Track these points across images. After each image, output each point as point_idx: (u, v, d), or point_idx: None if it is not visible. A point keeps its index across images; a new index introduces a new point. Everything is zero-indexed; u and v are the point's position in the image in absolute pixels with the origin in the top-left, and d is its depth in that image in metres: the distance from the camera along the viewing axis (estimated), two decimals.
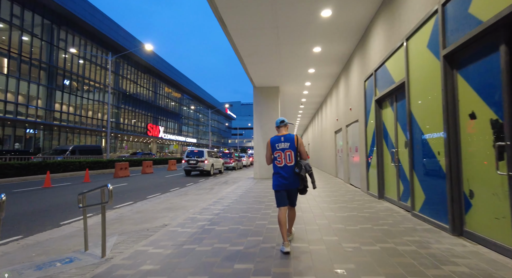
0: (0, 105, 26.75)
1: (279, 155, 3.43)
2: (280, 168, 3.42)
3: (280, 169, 3.42)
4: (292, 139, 3.44)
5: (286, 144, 3.42)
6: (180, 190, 10.46)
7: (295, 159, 3.40)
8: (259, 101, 12.86)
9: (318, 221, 4.60)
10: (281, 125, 3.62)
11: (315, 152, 22.16)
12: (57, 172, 15.42)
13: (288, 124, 3.68)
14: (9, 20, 27.17)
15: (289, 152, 3.40)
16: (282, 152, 3.42)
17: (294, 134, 3.50)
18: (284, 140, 3.45)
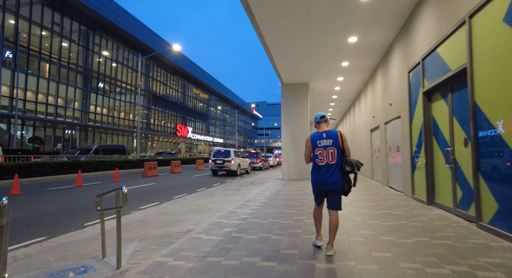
0: (42, 107, 28.51)
1: (321, 153, 3.20)
2: (321, 167, 3.19)
3: (322, 168, 3.19)
4: (336, 135, 3.20)
5: (329, 141, 3.19)
6: (207, 191, 10.18)
7: (338, 157, 3.16)
8: (287, 98, 12.26)
9: (362, 232, 3.95)
10: (321, 120, 3.38)
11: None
12: (88, 171, 15.90)
13: (329, 120, 3.32)
14: (50, 27, 28.89)
15: (332, 150, 3.17)
16: (324, 150, 3.19)
17: (337, 130, 3.25)
18: (327, 136, 3.22)
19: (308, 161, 3.41)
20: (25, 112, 26.89)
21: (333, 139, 3.18)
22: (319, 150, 3.21)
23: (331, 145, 3.17)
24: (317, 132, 3.33)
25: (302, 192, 8.18)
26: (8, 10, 25.33)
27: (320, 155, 3.20)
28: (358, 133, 14.92)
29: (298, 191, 8.44)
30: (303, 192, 8.29)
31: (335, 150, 3.16)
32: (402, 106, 7.23)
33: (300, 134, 12.02)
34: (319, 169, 3.21)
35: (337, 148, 3.16)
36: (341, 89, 13.86)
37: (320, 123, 3.38)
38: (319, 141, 3.23)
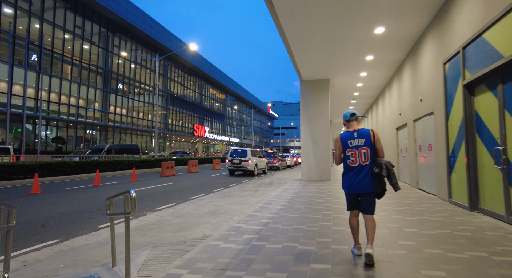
0: (65, 108, 29.38)
1: (352, 153, 3.00)
2: (353, 168, 3.01)
3: (354, 170, 3.00)
4: (368, 134, 3.00)
5: (361, 141, 2.99)
6: (224, 191, 9.88)
7: (371, 158, 2.97)
8: (307, 95, 11.76)
9: (402, 242, 3.46)
10: (351, 118, 3.17)
11: None
12: (107, 171, 16.04)
13: (359, 118, 3.26)
14: (72, 30, 29.71)
15: (365, 150, 2.97)
16: (356, 150, 2.99)
17: (369, 129, 3.05)
18: (358, 135, 3.02)
19: (339, 162, 3.19)
20: (49, 113, 27.78)
21: (365, 139, 2.98)
22: (351, 151, 3.01)
23: (363, 144, 2.97)
24: (347, 131, 3.12)
25: (325, 195, 7.69)
26: (34, 15, 26.23)
27: (352, 156, 3.00)
28: (382, 131, 14.17)
29: (321, 193, 7.96)
30: (326, 194, 7.79)
31: (368, 150, 2.96)
32: (436, 101, 6.59)
33: (320, 133, 11.50)
34: (351, 171, 3.01)
35: (370, 148, 2.96)
36: (363, 86, 13.19)
37: (350, 121, 3.17)
38: (350, 141, 3.02)
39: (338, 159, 3.17)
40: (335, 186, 9.80)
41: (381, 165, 2.87)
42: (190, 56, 48.02)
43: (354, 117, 3.16)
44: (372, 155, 2.97)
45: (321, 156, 11.42)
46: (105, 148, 21.44)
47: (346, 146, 3.03)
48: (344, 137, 3.07)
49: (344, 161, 3.10)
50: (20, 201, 7.85)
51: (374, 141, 2.98)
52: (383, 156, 3.02)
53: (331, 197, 7.31)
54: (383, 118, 13.72)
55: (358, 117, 3.18)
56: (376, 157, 3.01)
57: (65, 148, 28.64)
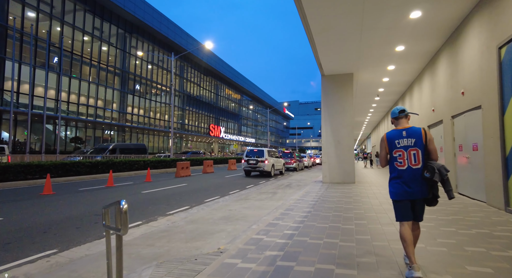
0: (84, 108, 29.85)
1: (401, 154, 2.73)
2: (402, 171, 2.72)
3: (403, 173, 2.71)
4: (419, 133, 2.71)
5: (411, 141, 2.71)
6: (240, 193, 9.28)
7: (422, 160, 2.68)
8: (329, 91, 10.98)
9: (472, 268, 2.70)
10: (400, 115, 2.87)
11: None
12: (122, 171, 15.85)
13: (410, 115, 2.93)
14: (91, 32, 30.16)
15: (415, 151, 2.69)
16: (405, 151, 2.72)
17: (421, 127, 2.77)
18: (407, 135, 2.74)
19: (384, 163, 2.91)
20: (68, 114, 28.26)
21: (415, 138, 2.68)
22: (398, 152, 2.73)
23: (413, 145, 2.68)
24: (395, 129, 2.83)
25: (353, 200, 6.93)
26: (55, 17, 26.75)
27: (399, 157, 2.72)
28: None
29: (347, 198, 7.19)
30: (354, 199, 7.02)
31: (418, 152, 2.66)
32: (485, 93, 5.70)
33: (343, 132, 10.69)
34: (399, 175, 2.71)
35: (421, 149, 2.67)
36: (389, 81, 12.24)
37: (398, 118, 2.87)
38: (398, 140, 2.74)
39: (384, 160, 2.88)
40: (361, 189, 8.98)
41: (433, 169, 2.56)
42: (206, 56, 48.00)
43: (404, 113, 2.84)
44: (424, 157, 2.66)
45: (344, 156, 10.61)
46: (109, 147, 20.36)
47: (393, 146, 2.74)
48: (391, 136, 2.78)
49: (390, 163, 2.81)
50: (30, 202, 7.57)
51: (426, 141, 2.68)
52: (436, 158, 2.69)
53: (360, 202, 6.54)
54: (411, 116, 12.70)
55: (408, 114, 2.86)
56: (428, 160, 2.68)
57: (84, 148, 29.04)
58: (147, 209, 6.80)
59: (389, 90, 13.94)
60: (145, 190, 10.01)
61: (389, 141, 2.80)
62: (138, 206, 7.12)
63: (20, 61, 24.07)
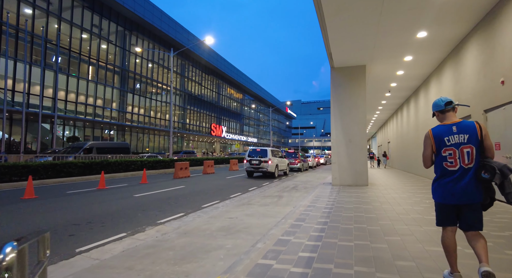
0: (82, 107, 29.08)
1: (451, 153, 2.33)
2: (452, 172, 2.33)
3: (453, 174, 2.32)
4: (473, 128, 2.31)
5: (463, 137, 2.31)
6: (242, 197, 8.40)
7: (477, 159, 2.28)
8: (339, 85, 10.05)
9: None
10: (447, 108, 2.47)
11: (402, 152, 18.12)
12: (118, 172, 15.01)
13: (457, 107, 2.51)
14: (90, 29, 29.40)
15: (469, 149, 2.29)
16: (457, 149, 2.31)
17: (474, 121, 2.35)
18: (458, 130, 2.34)
19: (429, 164, 2.54)
20: (66, 113, 27.51)
21: (469, 134, 2.32)
22: (449, 150, 2.36)
23: (466, 142, 2.32)
24: (443, 125, 2.45)
25: (373, 206, 6.01)
26: (52, 14, 26.01)
27: (450, 156, 2.36)
28: (425, 129, 12.21)
29: (365, 204, 6.28)
30: (373, 206, 6.11)
31: (472, 149, 2.31)
32: None
33: (355, 130, 9.76)
34: (449, 176, 2.37)
35: (475, 146, 2.30)
36: (404, 75, 11.29)
37: (445, 112, 2.49)
38: (448, 137, 2.37)
39: (428, 160, 2.51)
40: (377, 193, 8.06)
41: (493, 169, 2.19)
42: (207, 54, 47.23)
43: (451, 106, 2.46)
44: (478, 156, 2.31)
45: (356, 156, 9.69)
46: (84, 146, 17.98)
47: (442, 144, 2.38)
48: (439, 133, 2.41)
49: (437, 163, 2.44)
50: (7, 208, 6.72)
51: (481, 137, 2.31)
52: (492, 156, 2.33)
53: (382, 210, 5.63)
54: (426, 113, 11.74)
55: (455, 106, 2.48)
56: (483, 158, 2.31)
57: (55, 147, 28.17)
58: (136, 217, 5.93)
59: (402, 85, 12.99)
60: (139, 193, 9.15)
61: (436, 138, 2.41)
62: (127, 213, 6.26)
63: (15, 58, 23.33)
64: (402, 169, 18.40)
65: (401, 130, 18.54)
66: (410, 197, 7.36)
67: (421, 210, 5.61)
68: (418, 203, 6.44)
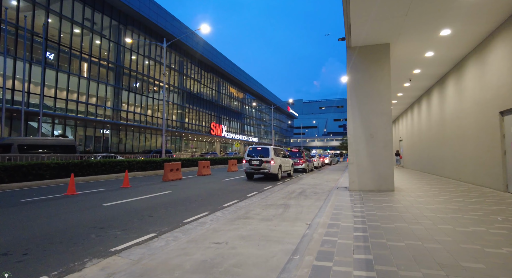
0: (73, 105, 27.39)
1: None
2: None
3: None
4: None
5: None
6: (238, 206, 6.63)
7: None
8: (357, 68, 8.27)
9: None
10: None
11: (419, 151, 16.25)
12: (101, 174, 13.26)
13: None
14: (81, 22, 27.72)
15: None
16: None
17: None
18: None
19: None
20: (56, 110, 25.84)
21: None
22: None
23: None
24: None
25: (422, 226, 4.20)
26: (39, 5, 24.34)
27: None
28: (455, 123, 10.39)
29: (410, 223, 4.47)
30: (422, 225, 4.30)
31: None
32: None
33: (377, 122, 7.97)
34: None
35: None
36: (433, 57, 9.46)
37: None
38: None
39: None
40: (412, 202, 6.25)
41: None
42: (207, 51, 45.55)
43: None
44: None
45: (379, 155, 7.89)
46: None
47: None
48: None
49: None
50: None
51: None
52: None
53: (442, 233, 3.83)
54: (462, 102, 9.91)
55: None
56: None
57: None
58: (85, 241, 4.18)
59: (426, 72, 11.16)
60: (111, 201, 7.39)
61: None
62: (76, 234, 4.51)
63: None
64: (418, 169, 16.55)
65: (418, 127, 16.69)
66: (463, 209, 5.56)
67: (505, 235, 3.83)
68: (485, 221, 4.63)
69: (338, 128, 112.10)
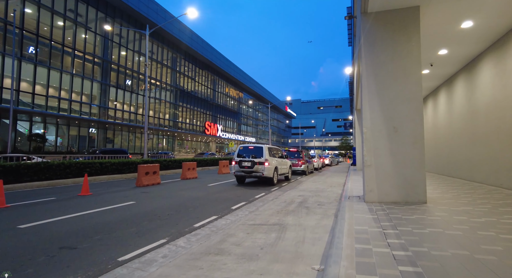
0: (54, 102, 25.26)
1: None
2: None
3: None
4: None
5: None
6: (214, 229, 4.61)
7: None
8: (374, 41, 6.29)
9: None
10: None
11: (435, 149, 14.27)
12: (65, 178, 11.19)
13: None
14: (63, 12, 25.63)
15: None
16: None
17: None
18: None
19: None
20: (34, 107, 23.71)
21: None
22: None
23: None
24: None
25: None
26: None
27: None
28: (503, 111, 8.44)
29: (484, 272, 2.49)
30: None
31: None
32: None
33: (404, 111, 5.99)
34: None
35: None
36: (471, 29, 7.49)
37: None
38: None
39: None
40: (466, 221, 4.26)
41: None
42: (202, 49, 43.60)
43: None
44: None
45: (406, 154, 5.92)
46: None
47: None
48: None
49: None
50: None
51: None
52: None
53: None
54: (507, 88, 7.96)
55: None
56: None
57: (43, 147, 24.32)
58: None
59: (455, 53, 9.16)
60: (41, 218, 5.35)
61: None
62: None
63: None
64: (433, 171, 14.59)
65: (432, 123, 14.74)
66: None
67: None
68: None
69: (336, 128, 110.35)
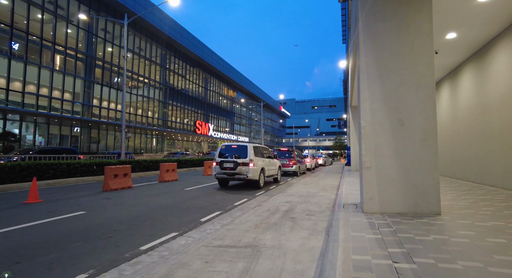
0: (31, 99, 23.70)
1: None
2: None
3: None
4: None
5: None
6: (164, 254, 3.32)
7: None
8: (375, 15, 5.13)
9: None
10: None
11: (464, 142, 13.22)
12: (23, 181, 9.81)
13: None
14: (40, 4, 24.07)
15: None
16: None
17: None
18: None
19: None
20: (8, 104, 22.14)
21: None
22: None
23: None
24: None
25: None
26: None
27: None
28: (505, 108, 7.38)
29: None
30: None
31: None
32: None
33: (412, 101, 4.85)
34: None
35: None
36: (488, 4, 6.42)
37: None
38: None
39: None
40: (502, 247, 3.12)
41: None
42: (193, 46, 42.19)
43: None
44: None
45: (414, 153, 4.78)
46: None
47: None
48: None
49: None
50: None
51: None
52: None
53: None
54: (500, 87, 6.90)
55: None
56: None
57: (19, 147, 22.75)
58: None
59: (465, 37, 8.06)
60: None
61: None
62: None
63: None
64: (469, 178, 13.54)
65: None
66: None
67: None
68: None
69: (331, 128, 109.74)
